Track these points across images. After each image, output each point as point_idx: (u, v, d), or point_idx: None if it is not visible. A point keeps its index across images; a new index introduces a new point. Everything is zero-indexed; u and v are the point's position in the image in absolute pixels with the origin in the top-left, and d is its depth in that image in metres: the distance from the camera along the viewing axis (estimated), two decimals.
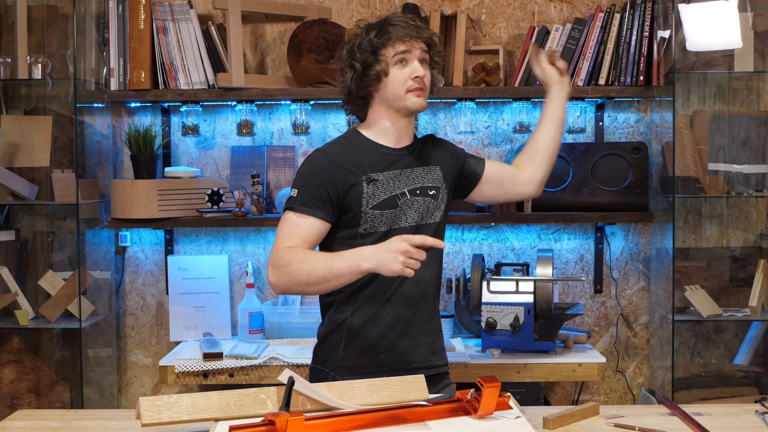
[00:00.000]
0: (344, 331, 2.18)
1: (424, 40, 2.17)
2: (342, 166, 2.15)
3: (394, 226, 2.16)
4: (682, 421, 1.98)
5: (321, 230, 2.14)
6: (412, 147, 2.26)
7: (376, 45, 2.15)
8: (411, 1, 3.32)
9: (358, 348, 2.18)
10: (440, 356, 2.29)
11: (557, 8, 3.40)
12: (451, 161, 2.32)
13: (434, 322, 2.27)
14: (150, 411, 1.78)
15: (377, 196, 2.15)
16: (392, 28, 2.16)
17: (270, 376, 2.95)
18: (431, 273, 2.23)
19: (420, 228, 2.19)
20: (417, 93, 2.16)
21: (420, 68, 2.15)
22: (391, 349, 2.18)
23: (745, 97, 3.41)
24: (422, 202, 2.20)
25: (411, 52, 2.15)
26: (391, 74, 2.15)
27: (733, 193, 3.23)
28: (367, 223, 2.15)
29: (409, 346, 2.20)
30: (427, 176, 2.24)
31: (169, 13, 3.24)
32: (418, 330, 2.21)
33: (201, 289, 3.35)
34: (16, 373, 3.23)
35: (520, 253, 3.43)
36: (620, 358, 3.47)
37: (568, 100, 2.48)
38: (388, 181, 2.18)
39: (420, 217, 2.20)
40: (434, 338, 2.26)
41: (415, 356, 2.21)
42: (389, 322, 2.17)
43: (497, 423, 1.85)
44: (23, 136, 3.26)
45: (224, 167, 3.44)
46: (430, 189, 2.23)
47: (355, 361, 2.18)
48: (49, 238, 3.33)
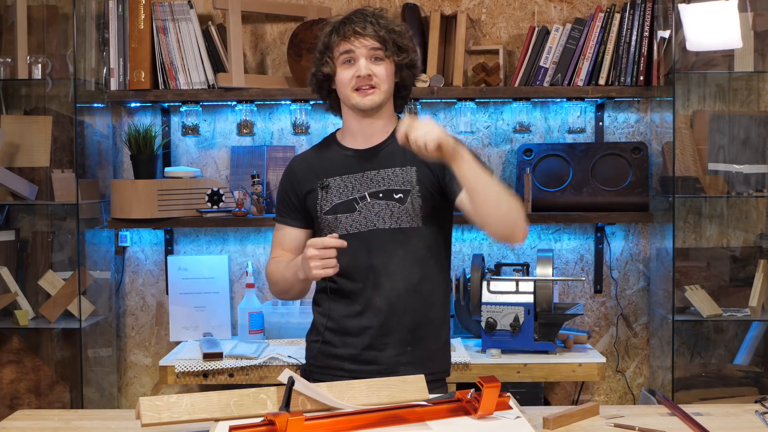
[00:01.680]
0: (320, 337, 2.21)
1: (372, 37, 2.10)
2: (301, 174, 2.22)
3: (351, 230, 2.14)
4: (682, 421, 1.98)
5: (298, 236, 2.24)
6: (383, 145, 2.19)
7: (326, 44, 2.15)
8: (411, 1, 3.32)
9: (330, 353, 2.19)
10: (422, 365, 2.15)
11: (557, 8, 3.40)
12: (434, 164, 2.11)
13: (419, 330, 2.17)
14: (150, 411, 1.78)
15: (330, 200, 2.16)
16: (341, 26, 2.12)
17: (270, 376, 2.95)
18: (404, 283, 2.13)
19: (390, 233, 2.13)
20: (362, 92, 2.12)
21: (363, 67, 2.10)
22: (355, 358, 2.16)
23: (745, 97, 3.41)
24: (385, 205, 2.14)
25: (355, 52, 2.11)
26: (338, 74, 2.14)
27: (733, 193, 3.23)
28: (325, 228, 2.16)
29: (374, 358, 2.15)
30: (396, 178, 2.15)
31: (169, 13, 3.24)
32: (386, 341, 2.14)
33: (201, 289, 3.35)
34: (16, 373, 3.23)
35: (520, 253, 3.43)
36: (620, 358, 3.47)
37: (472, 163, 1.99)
38: (346, 185, 2.16)
39: (383, 221, 2.13)
40: (413, 347, 2.16)
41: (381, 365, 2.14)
42: (355, 333, 2.16)
43: (497, 423, 1.85)
44: (23, 136, 3.26)
45: (224, 167, 3.44)
46: (396, 192, 2.14)
47: (324, 362, 2.20)
48: (49, 238, 3.33)
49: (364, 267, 2.14)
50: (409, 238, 2.14)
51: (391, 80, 2.15)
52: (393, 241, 2.14)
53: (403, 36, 2.16)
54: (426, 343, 2.18)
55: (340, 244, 2.00)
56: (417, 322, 2.16)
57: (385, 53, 2.12)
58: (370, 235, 2.14)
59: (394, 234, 2.14)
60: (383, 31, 2.11)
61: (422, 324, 2.17)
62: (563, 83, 3.22)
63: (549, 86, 3.22)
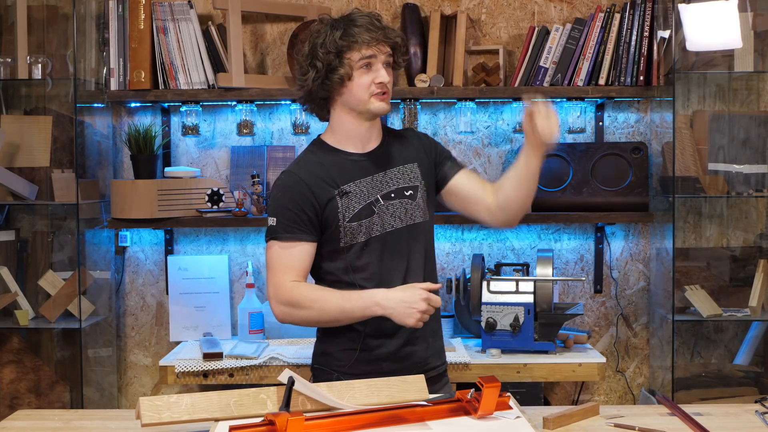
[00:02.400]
0: (358, 344, 2.18)
1: (390, 44, 2.13)
2: (313, 184, 2.14)
3: (372, 234, 2.15)
4: (682, 421, 1.98)
5: (310, 252, 2.16)
6: (381, 147, 2.22)
7: (340, 47, 2.10)
8: (411, 1, 3.32)
9: (366, 358, 2.18)
10: (439, 356, 2.28)
11: (557, 8, 3.40)
12: (430, 156, 2.26)
13: (432, 322, 2.23)
14: (150, 411, 1.78)
15: (352, 207, 2.14)
16: (357, 30, 2.09)
17: (270, 376, 2.95)
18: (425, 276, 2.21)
19: (406, 231, 2.17)
20: (380, 97, 2.13)
21: (384, 74, 2.12)
22: (394, 357, 2.18)
23: (745, 97, 3.41)
24: (399, 204, 2.17)
25: (376, 57, 2.11)
26: (355, 79, 2.11)
27: (733, 193, 3.23)
28: (346, 236, 2.15)
29: (409, 353, 2.20)
30: (403, 176, 2.20)
31: (169, 13, 3.24)
32: (416, 335, 2.19)
33: (201, 289, 3.35)
34: (16, 373, 3.23)
35: (520, 253, 3.43)
36: (620, 358, 3.47)
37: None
38: (361, 190, 2.16)
39: (399, 220, 2.17)
40: (432, 339, 2.25)
41: (416, 362, 2.20)
42: (392, 333, 2.17)
43: (497, 423, 1.86)
44: (23, 136, 3.26)
45: (224, 167, 3.44)
46: (407, 189, 2.19)
47: (360, 369, 2.17)
48: (49, 238, 3.33)
49: (391, 268, 2.17)
50: (421, 231, 2.22)
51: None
52: (410, 238, 2.19)
53: (405, 42, 2.22)
54: (439, 334, 2.30)
55: (436, 288, 2.08)
56: (434, 314, 2.20)
57: (395, 60, 2.17)
58: (390, 236, 2.17)
59: (410, 231, 2.19)
60: (398, 39, 2.15)
61: (436, 316, 2.26)
62: (563, 83, 3.22)
63: (549, 86, 3.22)
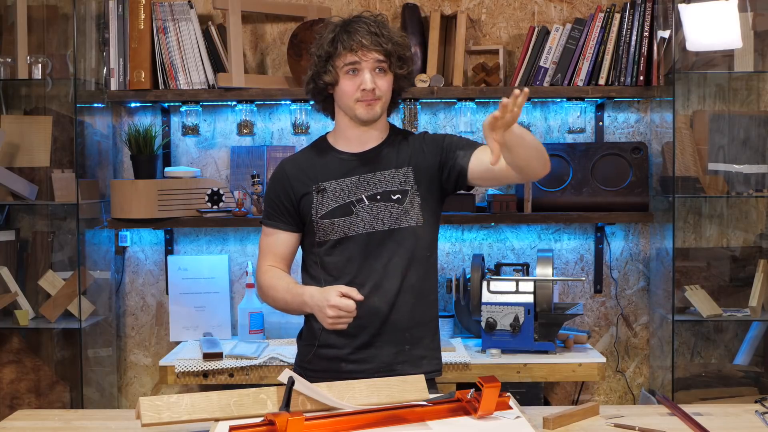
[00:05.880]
0: (316, 339, 2.19)
1: (377, 50, 2.10)
2: (294, 177, 2.19)
3: (349, 233, 2.15)
4: (682, 421, 1.98)
5: (290, 241, 2.22)
6: (378, 149, 2.21)
7: (328, 53, 2.12)
8: (411, 1, 3.32)
9: (325, 355, 2.19)
10: (416, 364, 2.18)
11: (557, 8, 3.40)
12: (434, 158, 2.19)
13: (416, 330, 2.19)
14: (150, 411, 1.78)
15: (327, 204, 2.15)
16: (347, 36, 2.09)
17: (270, 376, 2.95)
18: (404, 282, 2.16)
19: (389, 234, 2.15)
20: (366, 104, 2.12)
21: (369, 80, 2.10)
22: (352, 357, 2.17)
23: (745, 97, 3.41)
24: (383, 207, 2.15)
25: (361, 63, 2.10)
26: (341, 84, 2.13)
27: (733, 193, 3.23)
28: (320, 231, 2.17)
29: (372, 356, 2.16)
30: (393, 179, 2.17)
31: (169, 13, 3.24)
32: (383, 339, 2.16)
33: (201, 289, 3.35)
34: (16, 373, 3.23)
35: (520, 253, 3.43)
36: (620, 358, 3.47)
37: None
38: (342, 188, 2.16)
39: (382, 223, 2.15)
40: (411, 347, 2.18)
41: (379, 367, 2.15)
42: (354, 333, 2.14)
43: (497, 423, 1.86)
44: (23, 136, 3.26)
45: (224, 167, 3.44)
46: (394, 193, 2.16)
47: (320, 366, 2.19)
48: (49, 238, 3.33)
49: (363, 269, 2.15)
50: (408, 237, 2.16)
51: (390, 91, 2.17)
52: (392, 242, 2.16)
53: (405, 47, 2.17)
54: (423, 342, 2.21)
55: (359, 299, 2.01)
56: (416, 321, 2.19)
57: (389, 66, 2.14)
58: (368, 237, 2.15)
59: (393, 235, 2.16)
60: (389, 45, 2.11)
61: (420, 323, 2.20)
62: (563, 83, 3.22)
63: (549, 86, 3.22)
